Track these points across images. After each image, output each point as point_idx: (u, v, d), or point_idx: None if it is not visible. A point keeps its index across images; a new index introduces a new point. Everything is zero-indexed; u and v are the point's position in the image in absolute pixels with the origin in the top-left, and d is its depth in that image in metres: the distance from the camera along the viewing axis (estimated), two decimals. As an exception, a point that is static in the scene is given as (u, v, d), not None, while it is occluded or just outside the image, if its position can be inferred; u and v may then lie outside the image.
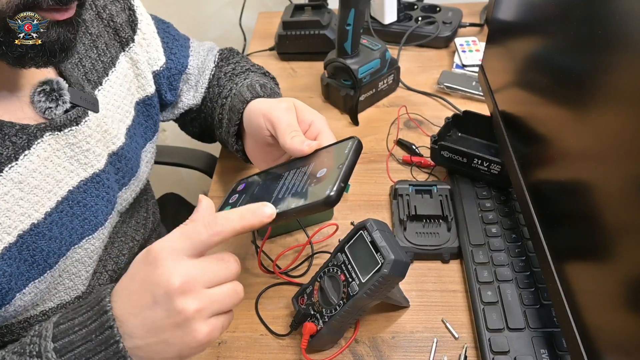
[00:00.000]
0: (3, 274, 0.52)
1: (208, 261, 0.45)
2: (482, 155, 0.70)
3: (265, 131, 0.60)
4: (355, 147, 0.51)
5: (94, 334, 0.44)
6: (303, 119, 0.59)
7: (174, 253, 0.43)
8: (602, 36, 0.43)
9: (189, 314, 0.42)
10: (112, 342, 0.43)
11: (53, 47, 0.48)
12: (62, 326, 0.45)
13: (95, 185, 0.61)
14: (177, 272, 0.42)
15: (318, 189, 0.48)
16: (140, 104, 0.72)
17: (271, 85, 0.72)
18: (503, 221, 0.69)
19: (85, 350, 0.43)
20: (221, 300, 0.44)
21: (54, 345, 0.44)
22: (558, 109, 0.52)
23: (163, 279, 0.42)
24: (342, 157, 0.50)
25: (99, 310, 0.44)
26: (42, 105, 0.55)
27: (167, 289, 0.42)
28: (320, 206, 0.46)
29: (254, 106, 0.63)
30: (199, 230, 0.44)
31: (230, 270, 0.45)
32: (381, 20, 1.08)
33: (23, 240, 0.53)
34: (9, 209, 0.52)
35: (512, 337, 0.57)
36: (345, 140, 0.53)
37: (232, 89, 0.72)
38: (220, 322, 0.45)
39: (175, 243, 0.44)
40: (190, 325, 0.42)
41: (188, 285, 0.42)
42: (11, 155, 0.52)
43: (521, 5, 0.63)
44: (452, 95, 0.95)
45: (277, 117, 0.57)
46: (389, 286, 0.54)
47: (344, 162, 0.49)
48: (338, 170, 0.48)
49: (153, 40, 0.73)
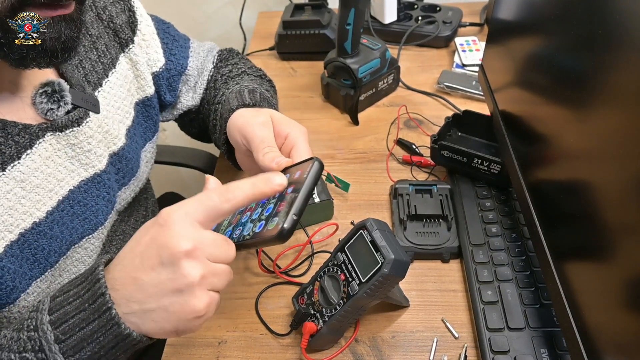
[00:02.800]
0: (7, 271, 0.52)
1: (216, 237, 0.45)
2: (482, 154, 0.70)
3: (242, 146, 0.60)
4: (313, 171, 0.48)
5: (87, 303, 0.44)
6: (279, 132, 0.59)
7: (186, 217, 0.44)
8: (602, 36, 0.43)
9: (194, 280, 0.42)
10: (105, 309, 0.43)
11: (55, 47, 0.48)
12: (58, 299, 0.45)
13: (96, 186, 0.61)
14: (188, 236, 0.42)
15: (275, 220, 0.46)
16: (140, 104, 0.72)
17: (261, 91, 0.71)
18: (503, 221, 0.69)
19: (79, 320, 0.43)
20: (220, 275, 0.44)
21: (50, 317, 0.44)
22: (558, 109, 0.52)
23: (173, 241, 0.42)
24: (300, 182, 0.47)
25: (92, 279, 0.44)
26: (44, 106, 0.55)
27: (175, 251, 0.42)
28: (274, 241, 0.45)
29: (233, 120, 0.63)
30: (211, 196, 0.45)
31: (230, 253, 0.46)
32: (381, 20, 1.08)
33: (25, 239, 0.54)
34: (12, 207, 0.52)
35: (512, 337, 0.57)
36: (307, 161, 0.50)
37: (224, 94, 0.72)
38: (216, 299, 0.45)
39: (187, 207, 0.44)
40: (192, 292, 0.42)
41: (196, 252, 0.42)
42: (14, 154, 0.52)
43: (521, 4, 0.63)
44: (452, 94, 0.95)
45: (251, 133, 0.58)
46: (389, 286, 0.54)
47: (300, 189, 0.46)
48: (293, 198, 0.46)
49: (153, 42, 0.73)
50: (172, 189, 1.20)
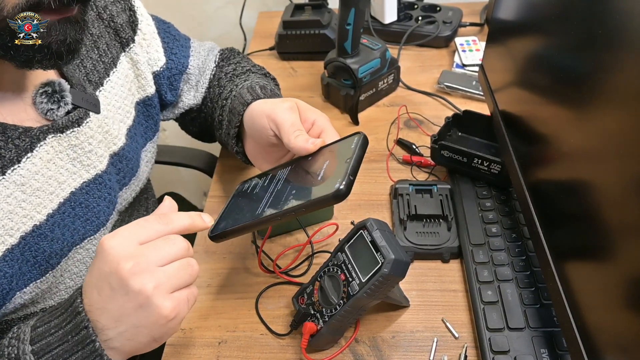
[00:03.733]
0: (4, 275, 0.52)
1: (154, 242, 0.46)
2: (482, 154, 0.70)
3: (269, 131, 0.59)
4: (362, 142, 0.51)
5: (69, 335, 0.45)
6: (306, 118, 0.59)
7: (122, 241, 0.45)
8: (602, 36, 0.43)
9: (148, 292, 0.43)
10: (89, 342, 0.44)
11: (59, 49, 0.49)
12: (40, 329, 0.46)
13: (98, 187, 0.61)
14: (125, 256, 0.43)
15: (326, 184, 0.48)
16: (141, 104, 0.72)
17: (271, 87, 0.72)
18: (503, 221, 0.69)
19: (62, 350, 0.44)
20: (176, 274, 0.45)
21: (32, 347, 0.45)
22: (558, 109, 0.52)
23: (113, 266, 0.43)
24: (349, 152, 0.50)
25: (73, 312, 0.45)
26: (44, 106, 0.55)
27: (119, 275, 0.43)
28: (331, 200, 0.46)
29: (257, 107, 0.63)
30: (151, 218, 0.47)
31: (178, 247, 0.46)
32: (381, 20, 1.08)
33: (25, 242, 0.54)
34: (12, 211, 0.52)
35: (512, 337, 0.57)
36: (350, 136, 0.53)
37: (232, 91, 0.72)
38: (184, 295, 0.46)
39: (124, 231, 0.46)
40: (152, 303, 0.43)
41: (139, 266, 0.43)
42: (14, 158, 0.52)
43: (521, 4, 0.63)
44: (452, 94, 0.94)
45: (280, 117, 0.58)
46: (389, 286, 0.54)
47: (352, 157, 0.49)
48: (346, 165, 0.48)
49: (153, 41, 0.73)
50: (172, 189, 1.20)
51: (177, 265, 0.45)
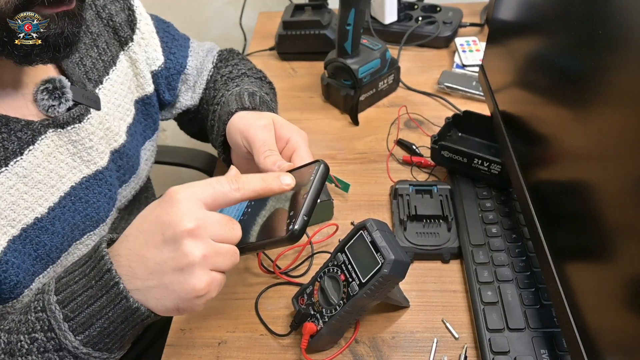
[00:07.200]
0: (12, 265, 0.52)
1: (221, 217, 0.45)
2: (483, 155, 0.70)
3: (242, 148, 0.60)
4: (321, 172, 0.49)
5: (93, 280, 0.44)
6: (281, 136, 0.59)
7: (192, 197, 0.44)
8: (602, 36, 0.43)
9: (194, 259, 0.42)
10: (113, 284, 0.44)
11: (58, 42, 0.49)
12: (64, 279, 0.46)
13: (98, 182, 0.62)
14: (190, 215, 0.43)
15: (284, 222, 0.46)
16: (140, 102, 0.72)
17: (261, 94, 0.71)
18: (503, 221, 0.69)
19: (87, 297, 0.44)
20: (224, 255, 0.44)
21: (57, 297, 0.44)
22: (558, 109, 0.52)
23: (175, 219, 0.43)
24: (308, 184, 0.48)
25: (96, 257, 0.45)
26: (45, 103, 0.55)
27: (178, 230, 0.42)
28: (285, 242, 0.45)
29: (234, 122, 0.63)
30: (222, 182, 0.46)
31: (235, 234, 0.46)
32: (381, 20, 1.08)
33: (27, 234, 0.54)
34: (14, 202, 0.53)
35: (512, 337, 0.57)
36: (312, 164, 0.51)
37: (223, 96, 0.72)
38: (218, 279, 0.45)
39: (195, 187, 0.45)
40: (192, 271, 0.43)
41: (199, 231, 0.43)
42: (16, 150, 0.53)
43: (521, 5, 0.63)
44: (452, 95, 0.94)
45: (253, 135, 0.58)
46: (389, 286, 0.54)
47: (309, 191, 0.47)
48: (302, 200, 0.47)
49: (152, 40, 0.73)
50: (172, 189, 1.19)
51: (227, 248, 0.45)
